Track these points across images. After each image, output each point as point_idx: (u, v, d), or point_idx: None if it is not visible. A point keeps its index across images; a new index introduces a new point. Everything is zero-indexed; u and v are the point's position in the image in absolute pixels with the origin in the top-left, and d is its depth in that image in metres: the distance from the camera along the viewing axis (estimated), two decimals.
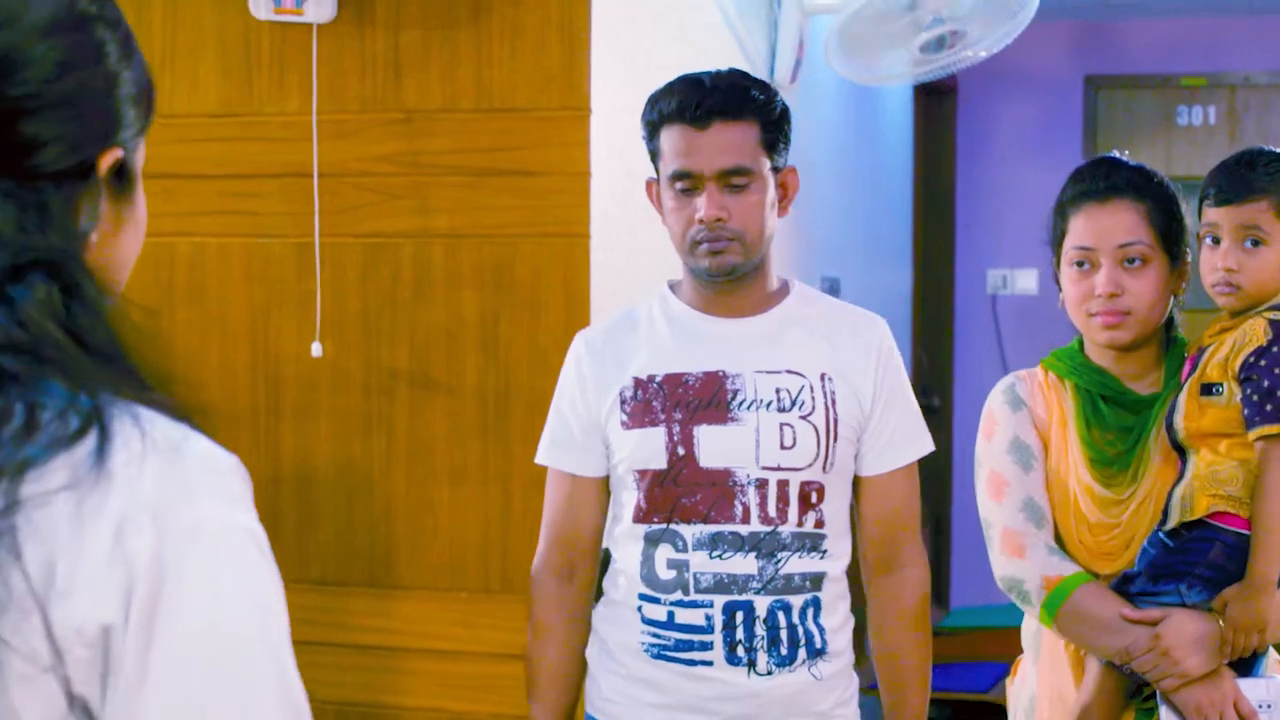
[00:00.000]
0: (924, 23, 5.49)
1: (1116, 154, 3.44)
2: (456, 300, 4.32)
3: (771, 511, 3.25)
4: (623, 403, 3.33)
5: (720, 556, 3.25)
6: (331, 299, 4.39)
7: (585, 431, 3.39)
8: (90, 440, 1.37)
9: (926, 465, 3.58)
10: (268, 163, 4.43)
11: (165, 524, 1.37)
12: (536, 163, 4.24)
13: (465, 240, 4.31)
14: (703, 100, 3.25)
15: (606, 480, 3.43)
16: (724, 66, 3.38)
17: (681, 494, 3.27)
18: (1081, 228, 3.34)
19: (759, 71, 5.57)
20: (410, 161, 4.34)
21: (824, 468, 3.28)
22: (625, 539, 3.37)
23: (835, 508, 3.32)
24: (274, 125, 4.43)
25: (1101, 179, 3.35)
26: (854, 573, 3.41)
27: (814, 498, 3.28)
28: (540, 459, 3.49)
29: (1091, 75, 9.44)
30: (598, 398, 3.37)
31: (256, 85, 4.45)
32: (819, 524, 3.29)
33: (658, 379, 3.32)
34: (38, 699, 1.32)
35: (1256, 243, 3.21)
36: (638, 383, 3.33)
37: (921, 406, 3.52)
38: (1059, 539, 3.36)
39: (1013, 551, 3.34)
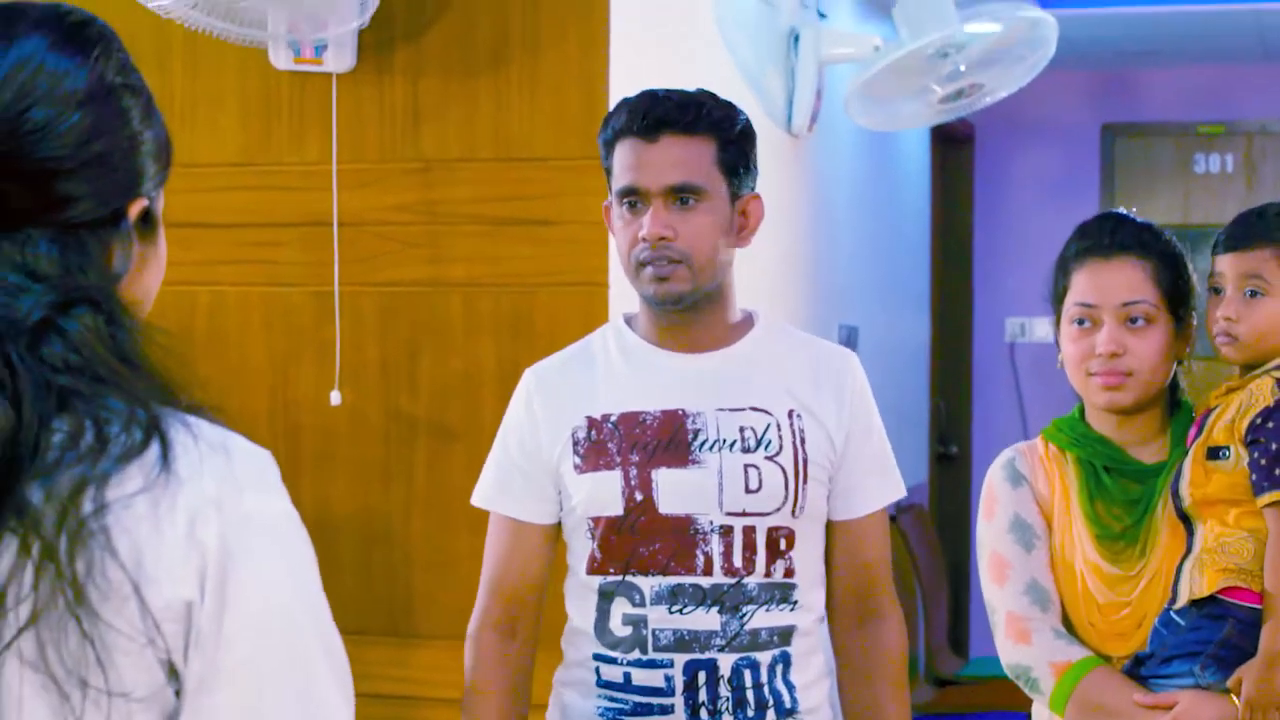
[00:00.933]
0: (943, 74, 5.51)
1: (1123, 210, 3.37)
2: (475, 349, 4.33)
3: (736, 561, 3.02)
4: (575, 444, 3.09)
5: (681, 611, 3.01)
6: (350, 348, 4.40)
7: (533, 474, 3.15)
8: (155, 448, 1.63)
9: (944, 511, 3.54)
10: (287, 212, 4.45)
11: (226, 515, 1.63)
12: (555, 212, 4.25)
13: (484, 289, 4.32)
14: (651, 110, 3.05)
15: (554, 528, 3.18)
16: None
17: (639, 543, 3.03)
18: (1084, 284, 3.22)
19: (777, 121, 5.59)
20: (429, 210, 4.35)
21: (793, 511, 3.05)
22: (579, 592, 3.13)
23: (807, 555, 3.10)
24: (293, 174, 4.45)
25: (1106, 235, 3.25)
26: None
27: (783, 544, 3.05)
28: (479, 501, 3.24)
29: (1109, 123, 9.45)
30: (550, 438, 3.12)
31: (276, 135, 4.47)
32: (789, 573, 3.06)
33: (613, 418, 3.08)
34: (140, 670, 1.59)
35: (1255, 293, 3.12)
36: (591, 422, 3.09)
37: (939, 454, 3.39)
38: (1067, 621, 3.21)
39: (1018, 638, 3.18)
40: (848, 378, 3.17)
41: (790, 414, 3.09)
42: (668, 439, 3.04)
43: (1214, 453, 3.08)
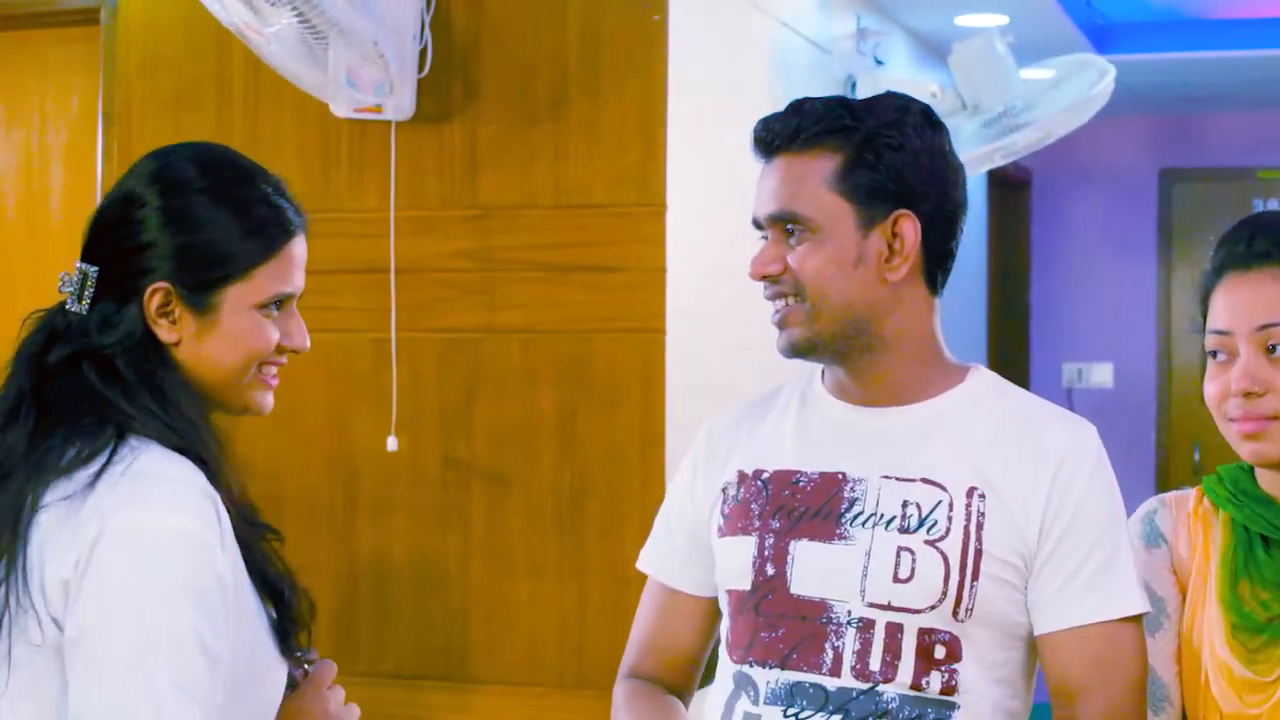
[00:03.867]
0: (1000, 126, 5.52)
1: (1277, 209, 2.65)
2: (532, 395, 4.33)
3: (873, 663, 2.42)
4: (724, 502, 2.61)
5: (796, 716, 2.45)
6: (408, 394, 4.41)
7: (691, 536, 2.67)
8: (96, 466, 2.12)
9: None
10: (346, 258, 4.46)
11: (108, 522, 2.08)
12: (613, 259, 4.26)
13: (541, 336, 4.32)
14: (768, 126, 2.57)
15: (713, 602, 2.68)
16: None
17: (762, 626, 2.50)
18: (1219, 307, 2.50)
19: None
20: (486, 257, 4.36)
21: (955, 613, 2.42)
22: (720, 679, 2.60)
23: (980, 672, 2.45)
24: (352, 222, 4.47)
25: (1243, 243, 2.52)
26: None
27: (940, 653, 2.42)
28: (639, 563, 2.79)
29: (1167, 168, 9.43)
30: (705, 494, 2.65)
31: (335, 182, 4.49)
32: (948, 689, 2.42)
33: (765, 475, 2.57)
34: (40, 623, 2.10)
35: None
36: (742, 478, 2.60)
37: None
38: None
39: None
40: (1069, 457, 2.48)
41: (970, 492, 2.47)
42: (818, 506, 2.51)
43: None
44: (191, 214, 2.23)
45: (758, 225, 2.56)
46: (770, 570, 2.50)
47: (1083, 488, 2.46)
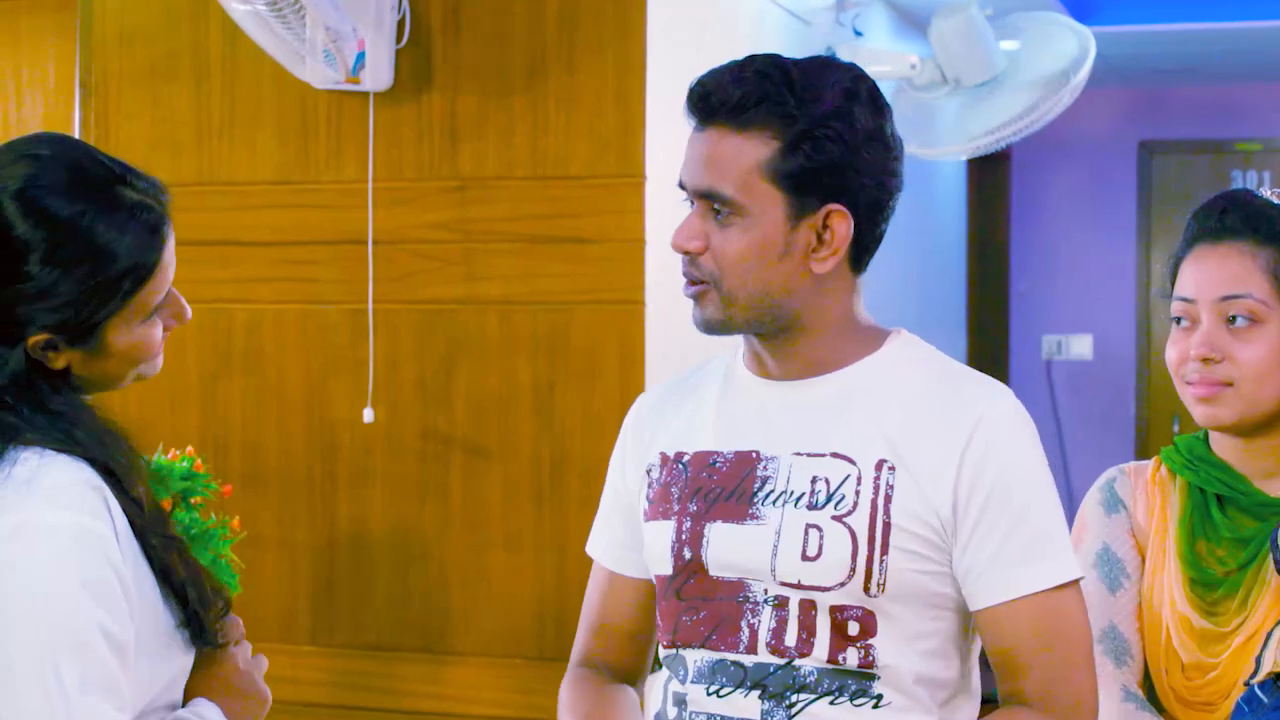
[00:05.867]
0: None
1: (1253, 188, 2.76)
2: (510, 367, 4.33)
3: (788, 639, 2.38)
4: (649, 485, 2.56)
5: (718, 694, 2.42)
6: (386, 365, 4.41)
7: (625, 518, 2.63)
8: None
9: None
10: (324, 230, 4.46)
11: None
12: (591, 230, 4.25)
13: (519, 307, 4.32)
14: (705, 85, 2.42)
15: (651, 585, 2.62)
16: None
17: (684, 610, 2.47)
18: (1187, 276, 2.62)
19: None
20: (465, 229, 4.36)
21: (867, 589, 2.36)
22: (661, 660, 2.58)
23: (901, 646, 2.39)
24: (330, 193, 4.46)
25: (1214, 217, 2.62)
26: None
27: (853, 629, 2.37)
28: (587, 546, 2.78)
29: (1145, 140, 9.43)
30: (634, 476, 2.61)
31: (313, 153, 4.48)
32: (866, 663, 2.37)
33: (686, 457, 2.51)
34: None
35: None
36: (664, 460, 2.54)
37: None
38: (1149, 680, 2.65)
39: None
40: (980, 425, 2.38)
41: (880, 465, 2.39)
42: (733, 487, 2.45)
43: None
44: (68, 255, 2.13)
45: (683, 188, 2.45)
46: (688, 554, 2.45)
47: (1000, 455, 2.37)
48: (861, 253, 2.45)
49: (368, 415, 4.37)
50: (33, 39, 5.15)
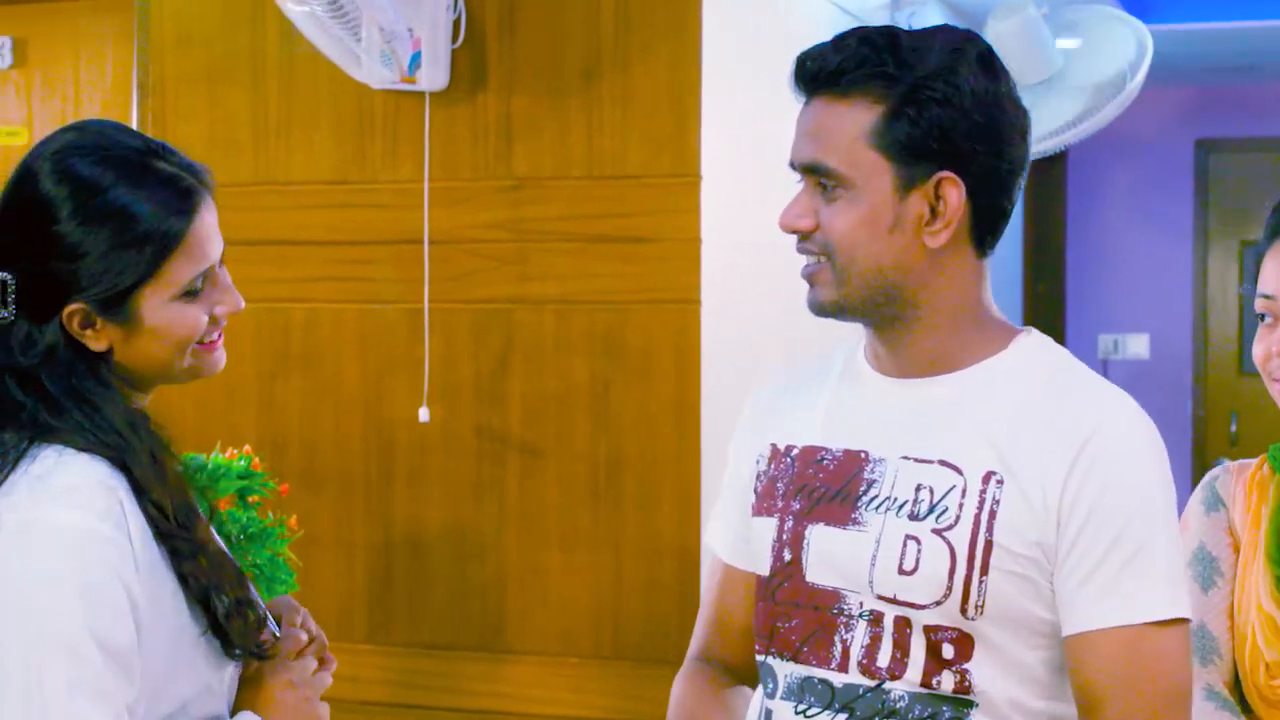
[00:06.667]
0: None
1: None
2: (567, 366, 4.33)
3: (880, 659, 2.23)
4: (757, 477, 2.43)
5: (805, 713, 2.29)
6: (441, 365, 4.41)
7: (739, 508, 2.48)
8: (1, 473, 2.12)
9: None
10: (380, 229, 4.47)
11: (5, 518, 2.07)
12: (647, 229, 4.25)
13: (575, 306, 4.32)
14: (810, 59, 2.30)
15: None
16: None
17: (779, 615, 2.34)
18: (1269, 271, 2.53)
19: None
20: (520, 228, 4.36)
21: (964, 610, 2.19)
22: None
23: (1000, 672, 2.22)
24: (386, 193, 4.47)
25: None
26: None
27: (949, 652, 2.21)
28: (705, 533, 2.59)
29: (1202, 138, 9.39)
30: (747, 466, 2.48)
31: (370, 153, 4.49)
32: (962, 689, 2.21)
33: (794, 451, 2.38)
34: None
35: None
36: (774, 452, 2.41)
37: None
38: (1237, 680, 2.57)
39: None
40: (1093, 437, 2.20)
41: (987, 477, 2.22)
42: (838, 487, 2.31)
43: None
44: (91, 214, 2.16)
45: (792, 167, 2.31)
46: (787, 555, 2.32)
47: (1108, 470, 2.17)
48: (984, 232, 2.31)
49: (423, 414, 4.37)
50: (91, 40, 5.18)
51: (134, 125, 4.70)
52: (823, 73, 2.25)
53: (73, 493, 2.09)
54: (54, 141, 2.21)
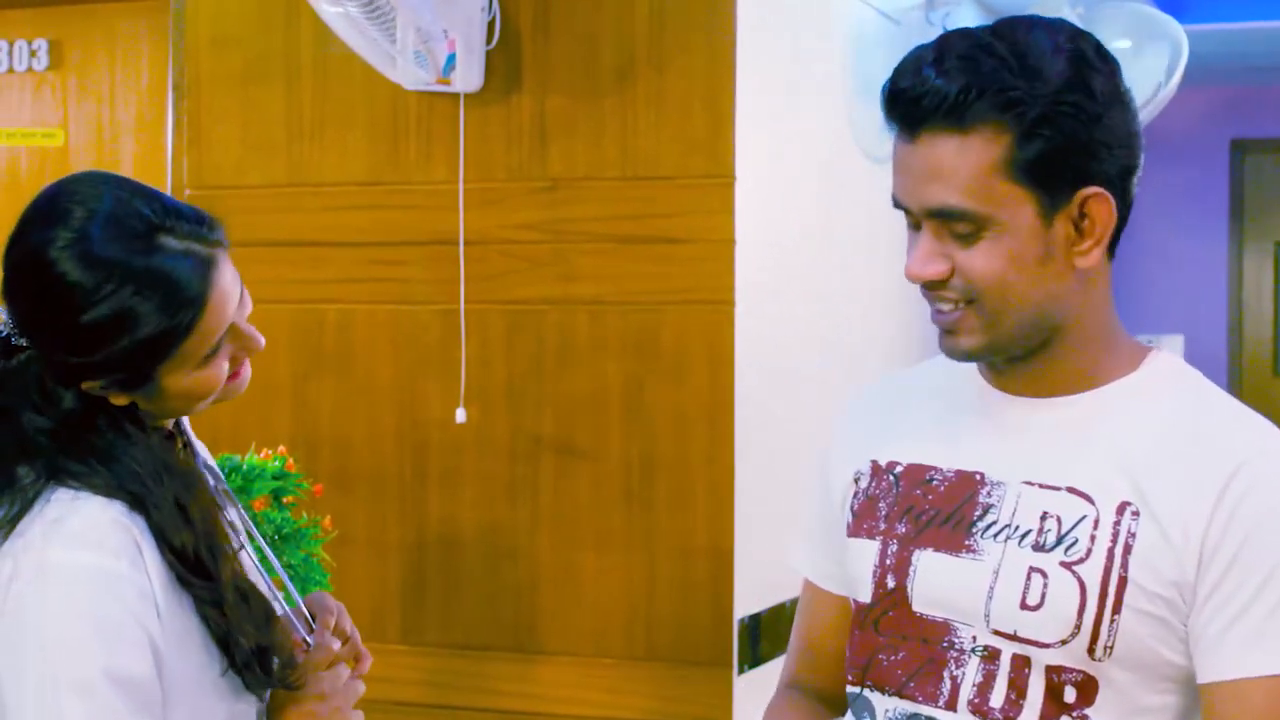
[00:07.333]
0: None
1: None
2: (600, 367, 4.33)
3: (994, 700, 2.08)
4: (855, 495, 2.29)
5: None
6: (476, 366, 4.41)
7: (827, 527, 2.35)
8: (16, 511, 2.13)
9: None
10: (414, 231, 4.47)
11: (20, 560, 2.10)
12: (681, 230, 4.25)
13: (609, 307, 4.32)
14: (909, 92, 2.07)
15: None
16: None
17: (881, 647, 2.19)
18: None
19: None
20: (555, 229, 4.36)
21: (1091, 650, 2.04)
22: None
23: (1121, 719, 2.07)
24: (420, 193, 4.47)
25: None
26: None
27: (1071, 695, 2.05)
28: (788, 554, 2.50)
29: (1237, 139, 9.36)
30: (840, 483, 2.34)
31: (404, 154, 4.49)
32: None
33: (898, 469, 2.24)
34: None
35: None
36: (875, 469, 2.27)
37: None
38: None
39: None
40: (1242, 470, 2.03)
41: (1122, 509, 2.06)
42: (950, 511, 2.16)
43: None
44: (113, 326, 2.13)
45: (901, 208, 2.13)
46: (891, 582, 2.17)
47: (1260, 506, 2.01)
48: (1117, 234, 2.17)
49: (460, 416, 4.37)
50: (127, 41, 5.19)
51: (170, 126, 4.71)
52: (933, 106, 2.04)
53: (85, 533, 2.11)
54: (61, 222, 2.15)
